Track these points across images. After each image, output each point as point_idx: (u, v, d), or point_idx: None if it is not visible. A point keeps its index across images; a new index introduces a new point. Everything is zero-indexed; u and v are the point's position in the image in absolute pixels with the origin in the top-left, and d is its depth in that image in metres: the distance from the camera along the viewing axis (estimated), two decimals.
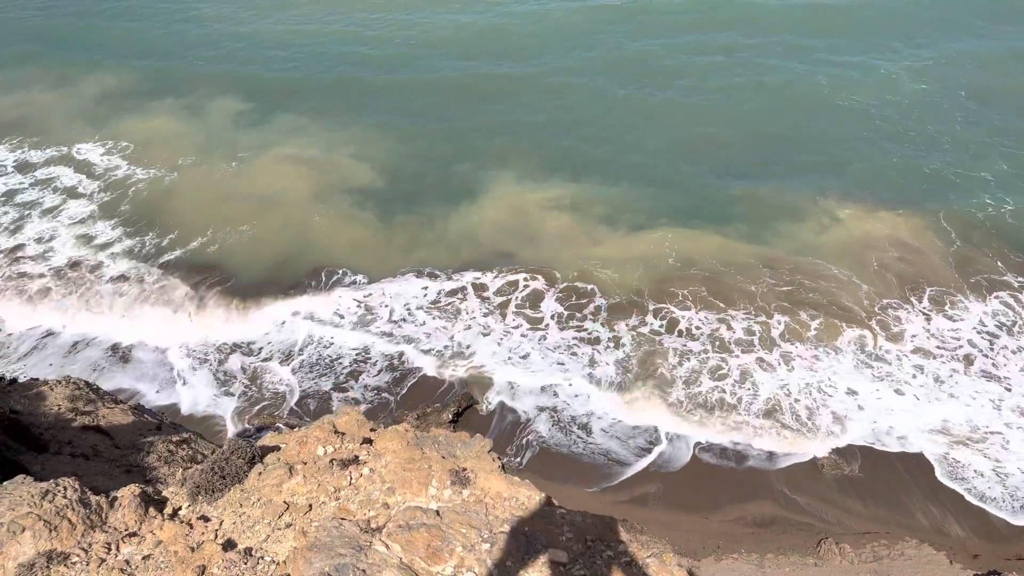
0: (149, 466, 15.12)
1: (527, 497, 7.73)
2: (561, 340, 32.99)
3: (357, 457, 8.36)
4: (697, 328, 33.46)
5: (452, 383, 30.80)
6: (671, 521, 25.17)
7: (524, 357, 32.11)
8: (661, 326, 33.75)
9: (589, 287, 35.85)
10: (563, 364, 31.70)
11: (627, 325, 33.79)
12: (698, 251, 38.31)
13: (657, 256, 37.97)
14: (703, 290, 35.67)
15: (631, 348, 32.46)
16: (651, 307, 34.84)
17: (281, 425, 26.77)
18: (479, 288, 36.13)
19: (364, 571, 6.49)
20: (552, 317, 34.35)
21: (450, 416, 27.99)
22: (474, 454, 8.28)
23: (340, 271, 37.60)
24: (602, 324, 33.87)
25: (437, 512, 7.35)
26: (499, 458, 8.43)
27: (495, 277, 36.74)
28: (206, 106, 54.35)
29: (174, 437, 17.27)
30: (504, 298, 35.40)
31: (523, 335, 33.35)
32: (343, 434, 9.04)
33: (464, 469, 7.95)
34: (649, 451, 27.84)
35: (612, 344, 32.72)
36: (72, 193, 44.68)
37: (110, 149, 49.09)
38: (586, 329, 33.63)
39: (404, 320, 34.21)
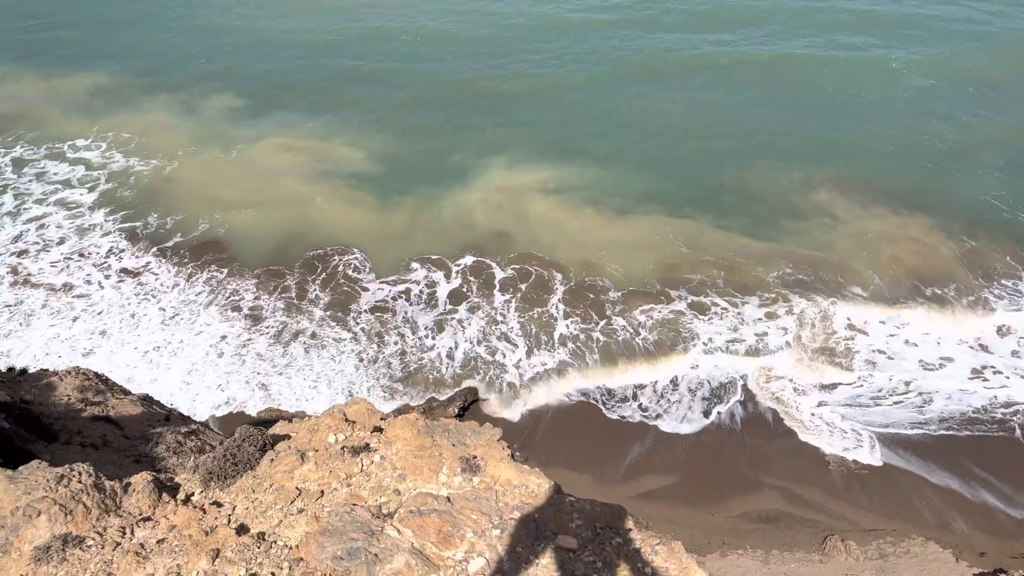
0: (158, 456, 15.22)
1: (536, 485, 7.78)
2: (566, 329, 33.20)
3: (368, 444, 8.42)
4: (705, 311, 33.90)
5: (457, 377, 30.90)
6: (676, 517, 25.21)
7: (523, 345, 32.30)
8: (661, 309, 34.37)
9: (597, 278, 36.27)
10: (565, 355, 31.81)
11: (629, 309, 34.40)
12: (688, 235, 39.28)
13: (660, 242, 38.79)
14: (695, 275, 36.50)
15: (630, 334, 32.65)
16: (656, 289, 35.56)
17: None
18: (483, 275, 36.52)
19: (376, 555, 6.56)
20: (559, 302, 34.72)
21: (455, 410, 28.09)
22: (484, 442, 8.34)
23: (347, 256, 38.00)
24: (606, 309, 34.31)
25: (448, 498, 7.41)
26: (508, 447, 8.48)
27: (496, 264, 37.19)
28: (201, 102, 54.82)
29: (183, 428, 17.38)
30: (510, 286, 35.66)
31: (528, 323, 33.53)
32: (353, 423, 9.10)
33: (474, 457, 8.01)
34: (647, 438, 27.97)
35: (609, 331, 32.89)
36: (69, 184, 45.03)
37: (109, 143, 49.45)
38: (590, 317, 33.98)
39: (413, 319, 34.34)
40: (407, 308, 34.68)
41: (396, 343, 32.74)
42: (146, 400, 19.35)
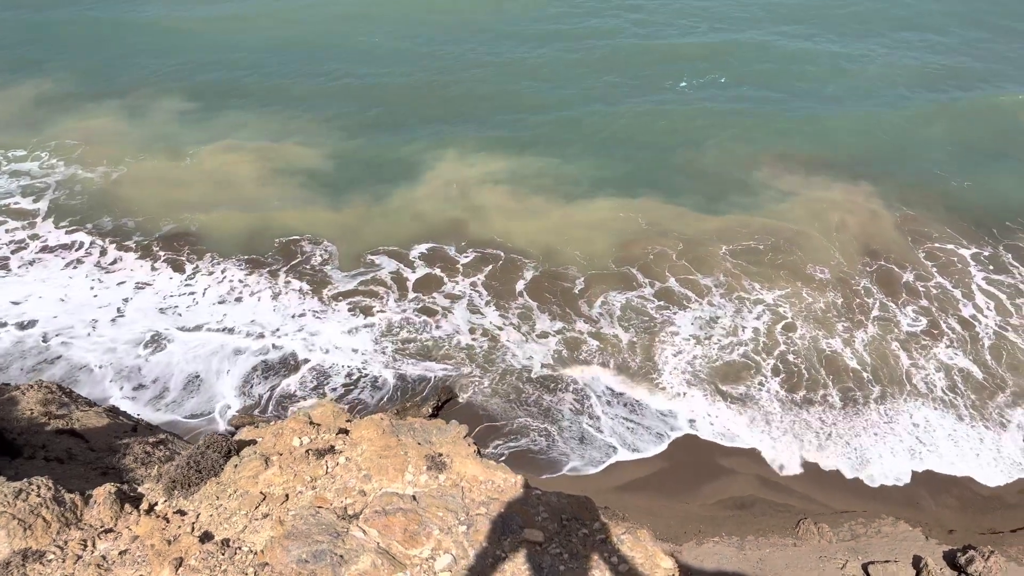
0: (126, 468, 14.98)
1: (503, 480, 7.82)
2: (545, 324, 33.33)
3: (333, 447, 8.39)
4: (670, 297, 34.12)
5: (431, 376, 30.78)
6: (652, 507, 25.42)
7: (499, 340, 32.36)
8: (626, 294, 34.78)
9: (565, 267, 36.63)
10: (554, 344, 31.94)
11: (593, 296, 34.67)
12: (646, 216, 40.32)
13: (624, 225, 39.83)
14: (661, 258, 37.16)
15: (603, 328, 32.85)
16: (615, 272, 36.21)
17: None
18: (446, 263, 36.86)
19: (342, 556, 6.55)
20: (525, 293, 34.96)
21: (430, 410, 28.00)
22: (450, 440, 8.35)
23: (312, 248, 38.32)
24: (576, 300, 34.53)
25: (414, 497, 7.41)
26: (475, 443, 8.51)
27: (456, 253, 37.66)
28: (148, 107, 53.99)
29: (150, 438, 17.12)
30: (474, 278, 35.93)
31: (496, 316, 33.67)
32: (319, 425, 9.06)
33: (440, 454, 8.02)
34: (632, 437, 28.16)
35: (587, 325, 33.05)
36: (24, 192, 44.05)
37: (53, 150, 48.29)
38: (559, 307, 34.15)
39: (390, 315, 34.17)
40: (385, 303, 34.60)
41: (369, 341, 32.55)
42: (112, 411, 19.03)
